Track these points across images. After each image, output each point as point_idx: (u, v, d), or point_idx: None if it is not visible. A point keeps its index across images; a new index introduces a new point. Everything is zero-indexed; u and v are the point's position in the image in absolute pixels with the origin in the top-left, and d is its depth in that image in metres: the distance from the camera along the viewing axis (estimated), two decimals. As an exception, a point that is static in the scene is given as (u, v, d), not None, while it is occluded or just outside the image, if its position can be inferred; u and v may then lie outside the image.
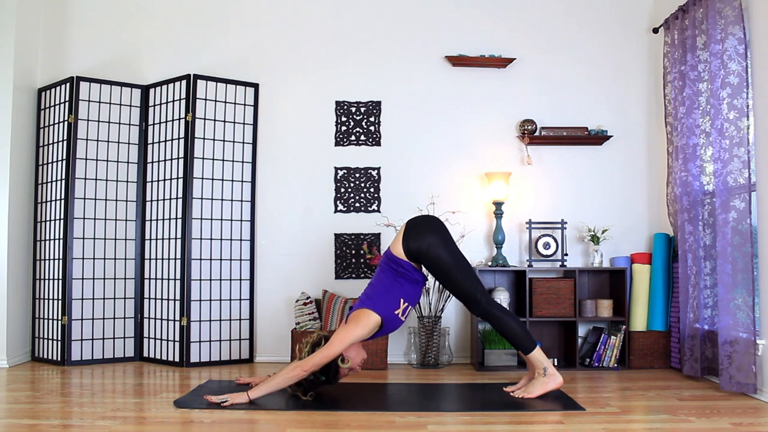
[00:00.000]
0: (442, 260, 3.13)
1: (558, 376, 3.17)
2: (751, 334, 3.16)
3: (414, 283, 3.19)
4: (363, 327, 3.07)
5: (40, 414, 2.79)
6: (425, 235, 3.15)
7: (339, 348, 3.02)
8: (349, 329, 3.06)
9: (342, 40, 4.41)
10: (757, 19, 3.27)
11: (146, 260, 4.22)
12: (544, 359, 3.17)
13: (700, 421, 2.71)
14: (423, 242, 3.13)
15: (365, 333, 3.09)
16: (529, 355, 3.16)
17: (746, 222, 3.23)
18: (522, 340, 3.16)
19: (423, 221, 3.23)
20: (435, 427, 2.65)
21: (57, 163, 4.15)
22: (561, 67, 4.40)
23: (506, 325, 3.17)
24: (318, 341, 3.12)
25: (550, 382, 3.14)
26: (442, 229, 3.21)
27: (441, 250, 3.13)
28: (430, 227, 3.19)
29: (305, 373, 2.98)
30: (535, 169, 4.35)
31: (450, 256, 3.15)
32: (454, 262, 3.15)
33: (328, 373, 3.09)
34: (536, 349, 3.17)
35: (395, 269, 3.16)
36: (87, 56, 4.40)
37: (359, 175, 4.35)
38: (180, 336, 4.02)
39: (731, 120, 3.31)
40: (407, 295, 3.17)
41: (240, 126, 4.27)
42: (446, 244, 3.16)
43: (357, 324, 3.07)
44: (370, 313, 3.09)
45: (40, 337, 4.18)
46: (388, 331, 3.20)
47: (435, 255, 3.12)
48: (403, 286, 3.16)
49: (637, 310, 4.06)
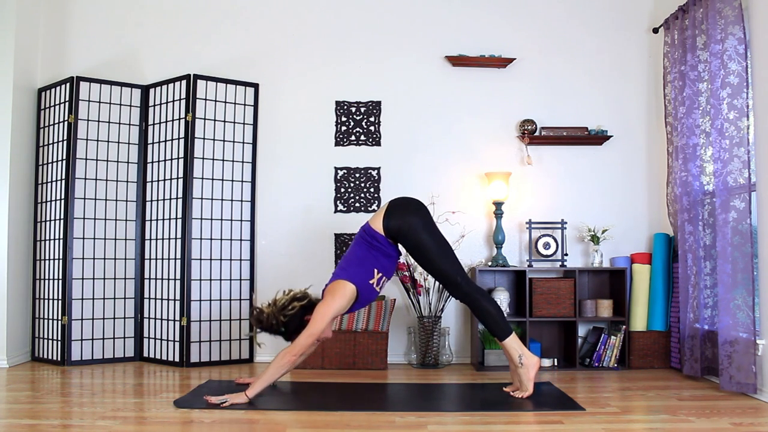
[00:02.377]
0: (423, 242, 3.16)
1: (533, 357, 3.16)
2: (751, 334, 3.16)
3: (387, 256, 3.22)
4: (341, 298, 3.09)
5: (40, 414, 2.79)
6: (407, 215, 3.18)
7: (321, 325, 3.04)
8: (327, 304, 3.08)
9: (342, 40, 4.41)
10: (757, 19, 3.27)
11: (146, 260, 4.22)
12: (518, 346, 3.17)
13: (700, 421, 2.71)
14: (404, 222, 3.16)
15: (344, 303, 3.10)
16: (504, 342, 3.17)
17: (746, 222, 3.23)
18: (498, 327, 3.17)
19: (406, 202, 3.26)
20: (435, 427, 2.65)
21: (57, 163, 4.15)
22: (561, 67, 4.40)
23: (484, 309, 3.18)
24: (302, 297, 3.16)
25: (531, 369, 3.14)
26: (423, 211, 3.24)
27: (422, 231, 3.16)
28: (412, 208, 3.22)
29: (295, 357, 3.02)
30: (535, 169, 4.35)
31: (431, 237, 3.18)
32: (434, 244, 3.18)
33: (288, 326, 3.12)
34: (511, 336, 3.17)
35: (369, 242, 3.19)
36: (87, 56, 4.40)
37: (359, 175, 4.35)
38: (180, 336, 4.02)
39: (731, 120, 3.31)
40: (381, 266, 3.20)
41: (240, 126, 4.27)
42: (427, 226, 3.19)
43: (334, 296, 3.09)
44: (345, 282, 3.12)
45: (40, 337, 4.18)
46: (364, 302, 3.22)
47: (416, 236, 3.16)
48: (377, 258, 3.19)
49: (637, 310, 4.06)
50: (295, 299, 3.18)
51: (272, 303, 3.19)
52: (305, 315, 3.17)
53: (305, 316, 3.16)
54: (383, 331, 4.02)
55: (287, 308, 3.14)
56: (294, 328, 3.16)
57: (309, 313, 3.17)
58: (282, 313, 3.14)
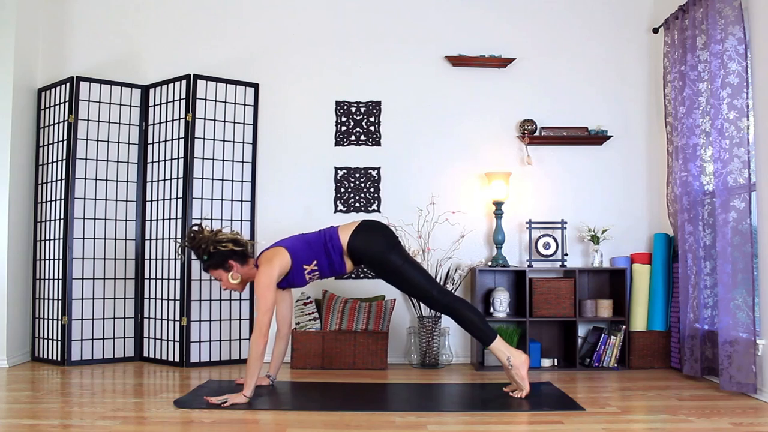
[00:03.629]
0: (392, 262, 3.18)
1: (521, 356, 3.15)
2: (751, 334, 3.16)
3: (330, 264, 3.23)
4: (278, 262, 3.12)
5: (40, 414, 2.79)
6: (374, 236, 3.22)
7: (269, 298, 3.05)
8: (264, 272, 3.09)
9: (342, 39, 4.41)
10: (757, 19, 3.28)
11: (146, 260, 4.22)
12: (505, 348, 3.16)
13: (700, 421, 2.71)
14: (370, 242, 3.20)
15: (280, 268, 3.12)
16: (491, 347, 3.16)
17: (746, 222, 3.23)
18: (482, 333, 3.18)
19: (375, 225, 3.28)
20: (435, 427, 2.65)
21: (57, 163, 4.15)
22: (561, 67, 4.40)
23: (466, 318, 3.19)
24: (240, 244, 3.19)
25: (521, 368, 3.13)
26: (390, 234, 3.27)
27: (390, 252, 3.19)
28: (380, 231, 3.25)
29: (265, 338, 3.01)
30: (535, 169, 4.35)
31: (399, 257, 3.20)
32: (403, 262, 3.19)
33: (211, 258, 3.15)
34: (496, 340, 3.16)
35: (326, 244, 3.21)
36: (87, 56, 4.40)
37: (359, 175, 4.35)
38: (180, 336, 4.03)
39: (731, 120, 3.31)
40: (321, 264, 3.22)
41: (240, 126, 4.27)
42: (395, 247, 3.22)
43: (270, 263, 3.11)
44: (282, 249, 3.17)
45: (40, 337, 4.18)
46: (288, 284, 3.24)
47: (383, 257, 3.19)
48: (323, 257, 3.21)
49: (637, 310, 4.06)
50: (233, 241, 3.19)
51: (214, 231, 3.21)
52: (232, 259, 3.18)
53: (230, 260, 3.18)
54: (383, 331, 4.02)
55: (221, 242, 3.15)
56: (215, 263, 3.18)
57: (237, 260, 3.19)
58: (214, 243, 3.15)
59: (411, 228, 4.26)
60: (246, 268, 3.24)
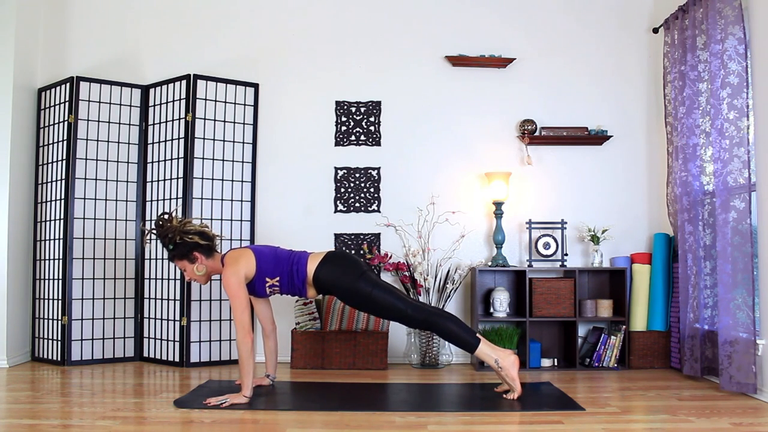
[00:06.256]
0: (362, 292, 3.14)
1: (509, 357, 3.12)
2: (751, 334, 3.16)
3: (291, 286, 3.21)
4: (243, 263, 3.11)
5: (40, 414, 2.79)
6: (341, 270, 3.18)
7: (240, 294, 3.04)
8: (230, 273, 3.07)
9: (342, 39, 4.41)
10: (757, 19, 3.28)
11: (146, 260, 4.22)
12: (491, 351, 3.13)
13: (700, 421, 2.71)
14: (338, 277, 3.16)
15: (246, 269, 3.10)
16: (477, 353, 3.13)
17: (746, 222, 3.23)
18: (465, 341, 3.15)
19: (342, 256, 3.26)
20: (435, 427, 2.65)
21: (57, 163, 4.15)
22: (561, 67, 4.40)
23: (446, 330, 3.15)
24: (208, 238, 3.17)
25: (511, 369, 3.11)
26: (355, 263, 3.23)
27: (357, 281, 3.14)
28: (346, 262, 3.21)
29: (250, 335, 3.01)
30: (535, 169, 4.35)
31: (368, 285, 3.15)
32: (373, 291, 3.14)
33: (177, 248, 3.14)
34: (480, 345, 3.13)
35: (292, 267, 3.19)
36: (87, 56, 4.40)
37: (359, 175, 4.35)
38: (180, 336, 4.03)
39: (731, 120, 3.31)
40: (284, 282, 3.20)
41: (240, 126, 4.27)
42: (361, 276, 3.16)
43: (236, 263, 3.10)
44: (249, 252, 3.17)
45: (40, 337, 4.18)
46: (250, 291, 3.21)
47: (351, 286, 3.15)
48: (285, 276, 3.18)
49: (637, 310, 4.06)
50: (200, 234, 3.16)
51: (183, 222, 3.18)
52: (197, 251, 3.16)
53: (196, 252, 3.16)
54: (383, 331, 4.02)
55: (188, 234, 3.13)
56: (180, 253, 3.16)
57: (202, 253, 3.17)
58: (181, 233, 3.12)
59: (411, 228, 4.26)
60: (211, 261, 3.22)
